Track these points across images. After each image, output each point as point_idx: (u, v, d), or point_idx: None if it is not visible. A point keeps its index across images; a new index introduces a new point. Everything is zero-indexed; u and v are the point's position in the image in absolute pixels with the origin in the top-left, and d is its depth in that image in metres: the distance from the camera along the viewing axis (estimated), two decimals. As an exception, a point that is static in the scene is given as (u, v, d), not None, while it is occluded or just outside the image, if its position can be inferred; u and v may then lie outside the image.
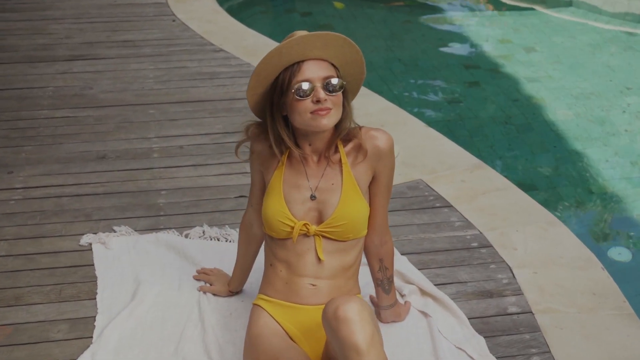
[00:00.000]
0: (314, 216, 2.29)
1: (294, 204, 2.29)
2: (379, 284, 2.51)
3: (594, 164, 4.75)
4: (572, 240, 3.12)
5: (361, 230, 2.33)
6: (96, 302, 2.69)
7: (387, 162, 2.32)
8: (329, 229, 2.28)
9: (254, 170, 2.41)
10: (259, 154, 2.35)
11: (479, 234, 3.13)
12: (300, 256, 2.31)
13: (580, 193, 4.52)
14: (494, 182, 3.53)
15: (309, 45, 2.11)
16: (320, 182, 2.29)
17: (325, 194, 2.29)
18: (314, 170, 2.30)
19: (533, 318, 2.68)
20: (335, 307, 1.98)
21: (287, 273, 2.34)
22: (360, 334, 1.92)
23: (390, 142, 2.31)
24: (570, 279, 2.89)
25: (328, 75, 2.14)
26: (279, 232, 2.30)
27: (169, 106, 4.17)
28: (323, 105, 2.12)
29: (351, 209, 2.28)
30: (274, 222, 2.29)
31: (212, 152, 3.72)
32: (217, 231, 3.10)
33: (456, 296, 2.78)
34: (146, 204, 3.29)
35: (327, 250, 2.30)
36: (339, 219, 2.27)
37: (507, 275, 2.89)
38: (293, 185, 2.30)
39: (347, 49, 2.17)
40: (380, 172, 2.33)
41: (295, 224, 2.27)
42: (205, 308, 2.65)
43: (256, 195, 2.46)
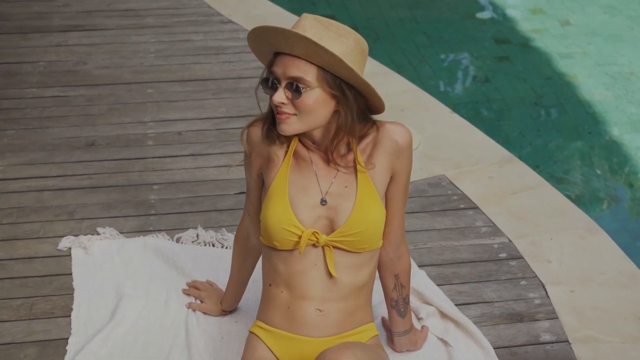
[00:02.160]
0: (324, 224, 1.97)
1: (301, 210, 1.95)
2: (393, 306, 2.17)
3: (633, 152, 4.35)
4: (614, 252, 2.76)
5: (378, 240, 2.01)
6: (71, 321, 2.37)
7: (406, 160, 2.00)
8: (342, 238, 1.95)
9: (251, 173, 2.07)
10: (259, 153, 2.01)
11: (508, 243, 2.77)
12: (306, 272, 1.98)
13: (617, 187, 4.14)
14: (525, 179, 3.16)
15: (273, 39, 1.84)
16: (332, 186, 1.96)
17: (338, 199, 1.96)
18: (324, 171, 1.97)
19: (570, 349, 2.32)
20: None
21: (289, 295, 2.01)
22: None
23: (409, 136, 1.98)
24: (613, 300, 2.52)
25: (296, 76, 1.83)
26: (283, 242, 1.97)
27: (168, 85, 3.81)
28: (280, 109, 1.85)
29: (368, 215, 1.95)
30: (277, 230, 1.95)
31: (213, 139, 3.37)
32: (213, 235, 2.76)
33: (481, 319, 2.43)
34: (135, 200, 2.95)
35: (338, 265, 1.98)
36: (353, 226, 1.94)
37: (539, 294, 2.54)
38: (300, 188, 1.96)
39: (320, 52, 1.80)
40: (399, 171, 2.00)
41: (303, 233, 1.94)
42: (193, 331, 2.32)
43: (253, 203, 2.12)
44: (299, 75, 1.82)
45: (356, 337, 2.01)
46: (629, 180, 4.16)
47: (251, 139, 2.01)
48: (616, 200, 4.12)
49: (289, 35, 1.80)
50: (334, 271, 1.96)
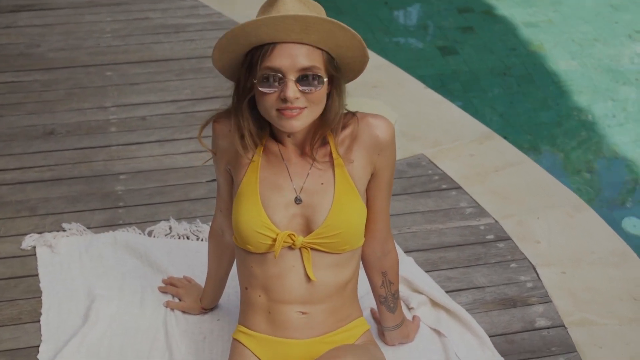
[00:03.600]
0: (299, 223, 1.82)
1: (274, 210, 1.81)
2: (382, 302, 2.05)
3: (602, 120, 4.30)
4: (603, 230, 2.68)
5: (359, 239, 1.87)
6: (40, 326, 2.21)
7: (388, 156, 1.85)
8: (320, 239, 1.80)
9: (220, 170, 1.93)
10: (226, 150, 1.86)
11: (495, 224, 2.68)
12: (284, 276, 1.84)
13: (587, 155, 4.08)
14: (507, 156, 3.06)
15: (283, 28, 1.63)
16: (306, 182, 1.81)
17: (314, 197, 1.81)
18: (297, 167, 1.82)
19: (566, 333, 2.24)
20: None
21: (267, 299, 1.87)
22: None
23: (391, 130, 1.83)
24: (606, 281, 2.45)
25: (307, 65, 1.66)
26: (257, 245, 1.83)
27: (128, 67, 3.62)
28: (292, 105, 1.66)
29: (347, 214, 1.81)
30: (250, 233, 1.81)
31: (179, 123, 3.20)
32: (187, 226, 2.61)
33: (473, 306, 2.33)
34: (102, 192, 2.78)
35: (318, 266, 1.83)
36: (332, 227, 1.80)
37: (531, 277, 2.45)
38: (272, 187, 1.81)
39: (338, 34, 1.66)
40: (381, 167, 1.85)
41: (278, 235, 1.80)
42: (172, 331, 2.18)
43: (224, 199, 1.98)
44: (312, 64, 1.66)
45: (346, 335, 1.90)
46: (598, 148, 4.10)
47: (217, 134, 1.87)
48: (587, 169, 4.07)
49: (312, 22, 1.62)
50: (313, 275, 1.83)
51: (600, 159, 4.16)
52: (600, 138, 4.20)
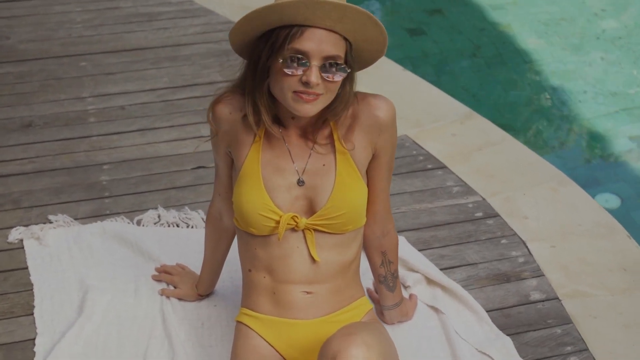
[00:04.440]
0: (302, 205, 1.82)
1: (277, 192, 1.80)
2: (382, 282, 2.06)
3: (573, 97, 4.36)
4: (588, 203, 2.72)
5: (362, 219, 1.87)
6: (34, 319, 2.17)
7: (389, 137, 1.85)
8: (324, 221, 1.80)
9: (219, 152, 1.90)
10: (227, 132, 1.84)
11: (482, 201, 2.70)
12: (288, 257, 1.84)
13: (559, 132, 4.13)
14: (489, 134, 3.09)
15: (321, 13, 1.61)
16: (308, 164, 1.81)
17: (316, 178, 1.80)
18: (299, 148, 1.81)
19: (561, 306, 2.27)
20: (333, 354, 1.56)
21: (272, 280, 1.87)
22: None
23: (392, 111, 1.83)
24: (595, 253, 2.49)
25: (333, 54, 1.65)
26: (260, 228, 1.82)
27: (102, 57, 3.57)
28: (311, 90, 1.64)
29: (349, 195, 1.81)
30: (253, 216, 1.80)
31: (160, 112, 3.16)
32: (175, 214, 2.59)
33: (468, 282, 2.35)
34: (86, 183, 2.74)
35: (321, 247, 1.83)
36: (335, 208, 1.80)
37: (522, 252, 2.48)
38: (275, 169, 1.80)
39: (369, 27, 1.67)
40: (382, 148, 1.85)
41: (281, 217, 1.79)
42: (170, 319, 2.16)
43: (224, 183, 1.96)
44: (337, 53, 1.65)
45: (351, 314, 1.90)
46: (569, 125, 4.15)
47: (218, 116, 1.84)
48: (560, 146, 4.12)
49: (349, 12, 1.61)
50: (317, 255, 1.83)
51: (573, 135, 4.21)
52: (572, 115, 4.25)
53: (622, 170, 3.81)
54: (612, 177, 3.80)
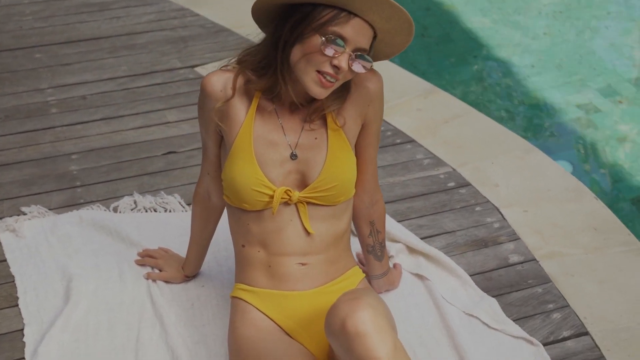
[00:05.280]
0: (295, 179, 1.84)
1: (270, 167, 1.82)
2: (370, 251, 2.09)
3: (521, 71, 4.46)
4: (554, 169, 2.80)
5: (352, 189, 1.91)
6: (20, 310, 2.14)
7: (378, 107, 1.89)
8: (316, 193, 1.83)
9: (208, 129, 1.90)
10: (218, 109, 1.82)
11: (453, 172, 2.76)
12: (282, 230, 1.86)
13: (510, 105, 4.23)
14: (452, 108, 3.15)
15: (376, 8, 1.64)
16: (300, 138, 1.83)
17: (308, 152, 1.83)
18: (291, 122, 1.83)
19: (539, 266, 2.34)
20: (342, 318, 1.57)
21: (266, 254, 1.88)
22: (380, 349, 1.53)
23: (381, 81, 1.87)
24: (565, 215, 2.57)
25: (365, 48, 1.69)
26: (253, 203, 1.83)
27: (57, 48, 3.51)
28: (335, 75, 1.67)
29: (341, 166, 1.84)
30: (247, 192, 1.81)
31: (122, 100, 3.13)
32: (152, 199, 2.57)
33: (447, 250, 2.40)
34: (55, 173, 2.70)
35: (314, 219, 1.86)
36: (327, 181, 1.82)
37: (496, 218, 2.54)
38: (267, 144, 1.82)
39: (403, 33, 1.72)
40: (371, 118, 1.89)
41: (275, 192, 1.81)
42: (159, 302, 2.16)
43: (212, 161, 1.96)
44: (367, 47, 1.69)
45: (345, 284, 1.93)
46: (519, 98, 4.25)
47: (209, 93, 1.83)
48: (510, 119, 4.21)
49: (396, 14, 1.65)
50: (310, 228, 1.85)
51: (523, 107, 4.31)
52: (521, 88, 4.35)
53: (573, 138, 3.92)
54: (564, 145, 3.91)
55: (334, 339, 1.58)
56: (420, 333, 2.09)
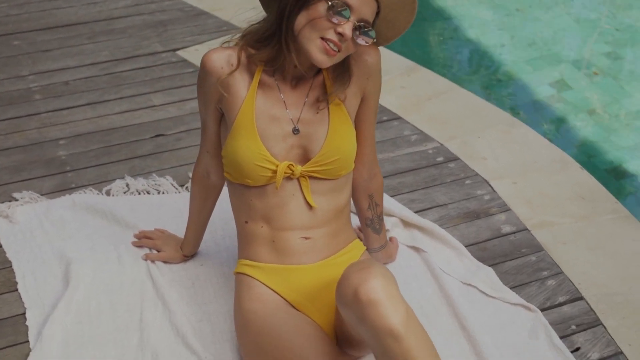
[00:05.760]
0: (297, 154, 1.86)
1: (273, 142, 1.83)
2: (368, 224, 2.12)
3: (494, 49, 4.51)
4: (540, 141, 2.85)
5: (352, 163, 1.93)
6: (19, 295, 2.13)
7: (376, 80, 1.91)
8: (318, 167, 1.85)
9: (208, 107, 1.90)
10: (222, 84, 1.82)
11: (441, 147, 2.79)
12: (285, 205, 1.88)
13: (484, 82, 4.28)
14: (435, 85, 3.18)
15: None
16: (302, 112, 1.84)
17: (310, 126, 1.84)
18: (292, 97, 1.84)
19: (531, 236, 2.39)
20: (354, 288, 1.58)
21: (270, 229, 1.90)
22: (394, 316, 1.54)
23: (379, 55, 1.89)
24: (553, 185, 2.62)
25: (368, 19, 1.71)
26: (257, 179, 1.84)
27: (35, 34, 3.47)
28: (339, 42, 1.68)
29: (342, 140, 1.86)
30: (250, 167, 1.82)
31: (106, 85, 3.11)
32: (144, 182, 2.57)
33: (441, 222, 2.44)
34: (44, 159, 2.68)
35: (316, 193, 1.88)
36: (329, 154, 1.84)
37: (486, 190, 2.58)
38: (269, 118, 1.83)
39: (407, 11, 1.75)
40: (370, 93, 1.91)
41: (278, 167, 1.82)
42: (159, 282, 2.16)
43: (212, 139, 1.97)
44: (370, 20, 1.71)
45: (348, 256, 1.95)
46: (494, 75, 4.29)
47: (210, 71, 1.83)
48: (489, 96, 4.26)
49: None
50: (313, 201, 1.87)
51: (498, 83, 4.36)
52: (495, 65, 4.40)
53: (546, 113, 3.98)
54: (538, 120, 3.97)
55: (347, 309, 1.60)
56: (421, 303, 2.12)
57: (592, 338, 2.05)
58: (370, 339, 1.56)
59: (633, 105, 3.86)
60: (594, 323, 2.09)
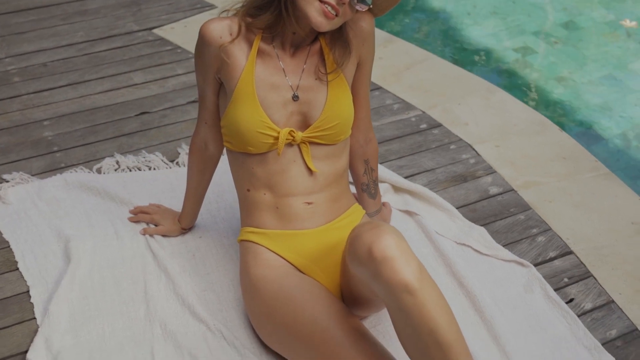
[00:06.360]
0: (297, 120, 1.89)
1: (273, 109, 1.87)
2: (364, 189, 2.17)
3: (459, 19, 4.57)
4: (519, 105, 2.93)
5: (350, 128, 1.98)
6: (21, 274, 2.14)
7: (371, 45, 1.96)
8: (319, 132, 1.89)
9: (207, 77, 1.93)
10: (217, 56, 1.86)
11: (423, 114, 2.85)
12: (287, 171, 1.91)
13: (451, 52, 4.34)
14: (412, 55, 3.24)
15: None
16: (301, 79, 1.88)
17: (310, 93, 1.88)
18: (291, 64, 1.88)
19: (518, 196, 2.47)
20: (367, 246, 1.62)
21: (273, 195, 1.94)
22: (407, 271, 1.58)
23: (373, 21, 1.94)
24: (535, 147, 2.70)
25: None
26: (259, 146, 1.88)
27: (7, 17, 3.43)
28: (337, 6, 1.71)
29: (341, 106, 1.90)
30: (251, 134, 1.86)
31: (85, 65, 3.10)
32: (134, 159, 2.58)
33: (430, 186, 2.50)
34: (30, 140, 2.67)
35: (316, 158, 1.93)
36: (329, 119, 1.89)
37: (471, 154, 2.65)
38: (269, 86, 1.86)
39: None
40: (365, 57, 1.96)
41: (280, 133, 1.86)
42: (160, 255, 2.18)
43: (211, 110, 1.99)
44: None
45: (350, 219, 2.00)
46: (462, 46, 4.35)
47: (208, 41, 1.86)
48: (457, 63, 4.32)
49: None
50: (313, 166, 1.92)
51: (463, 53, 4.43)
52: (460, 35, 4.46)
53: (513, 79, 4.05)
54: (506, 86, 4.05)
55: (361, 267, 1.64)
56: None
57: (585, 289, 2.13)
58: (385, 295, 1.61)
59: (594, 72, 3.96)
60: (584, 275, 2.18)
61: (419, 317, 1.57)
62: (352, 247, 1.67)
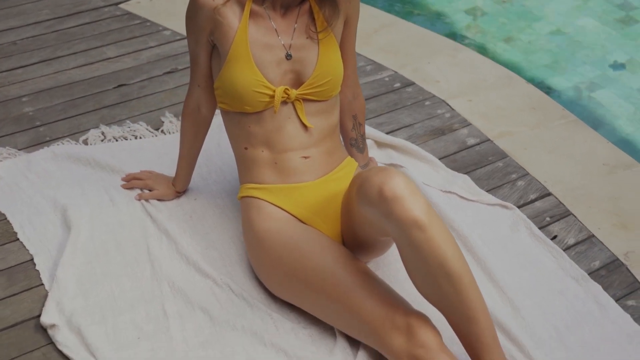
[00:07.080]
0: (291, 78, 1.97)
1: (268, 69, 1.93)
2: (353, 144, 2.25)
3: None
4: (485, 61, 3.05)
5: (340, 84, 2.05)
6: (22, 244, 2.16)
7: (356, 4, 2.05)
8: (312, 89, 1.97)
9: (199, 40, 1.98)
10: (209, 18, 1.92)
11: (395, 74, 2.94)
12: (283, 127, 1.99)
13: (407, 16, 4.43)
14: (380, 19, 3.32)
15: None
16: (293, 38, 1.95)
17: (302, 51, 1.96)
18: (282, 24, 1.95)
19: (494, 145, 2.58)
20: (378, 187, 1.70)
21: (271, 152, 2.01)
22: (416, 208, 1.68)
23: None
24: (504, 99, 2.82)
25: None
26: (255, 104, 1.94)
27: (-32, -1, 3.40)
28: None
29: (332, 61, 1.99)
30: (248, 93, 1.92)
31: (55, 42, 3.10)
32: (119, 129, 2.61)
33: (410, 140, 2.60)
34: (11, 116, 2.68)
35: (310, 114, 2.00)
36: (321, 76, 1.96)
37: (446, 109, 2.75)
38: (263, 46, 1.93)
39: None
40: (351, 14, 2.04)
41: (275, 91, 1.93)
42: (159, 217, 2.23)
43: (203, 73, 2.05)
44: None
45: (346, 171, 2.08)
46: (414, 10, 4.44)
47: (201, 4, 1.91)
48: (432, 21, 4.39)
49: None
50: (308, 122, 1.99)
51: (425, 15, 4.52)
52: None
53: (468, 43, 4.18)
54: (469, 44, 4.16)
55: (371, 207, 1.73)
56: (407, 213, 2.27)
57: (566, 226, 2.26)
58: (395, 232, 1.70)
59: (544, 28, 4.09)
60: (565, 214, 2.30)
61: (429, 250, 1.66)
62: (362, 188, 1.75)
